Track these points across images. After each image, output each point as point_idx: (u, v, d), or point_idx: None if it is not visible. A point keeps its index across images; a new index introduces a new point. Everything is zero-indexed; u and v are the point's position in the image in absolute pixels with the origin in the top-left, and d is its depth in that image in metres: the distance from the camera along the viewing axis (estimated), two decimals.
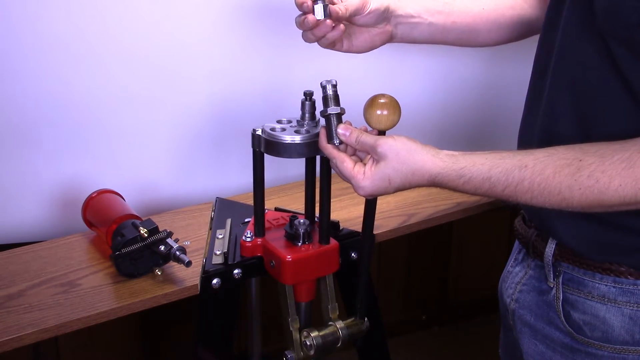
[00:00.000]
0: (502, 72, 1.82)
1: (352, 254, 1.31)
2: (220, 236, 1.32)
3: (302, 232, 1.21)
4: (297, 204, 1.42)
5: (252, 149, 1.19)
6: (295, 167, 1.58)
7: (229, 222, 1.35)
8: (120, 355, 1.83)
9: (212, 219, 1.42)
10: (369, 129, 1.06)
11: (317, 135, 1.10)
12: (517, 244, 1.16)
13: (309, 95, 1.17)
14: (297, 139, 1.15)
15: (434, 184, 0.99)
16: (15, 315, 1.16)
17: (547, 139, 0.98)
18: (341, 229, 1.33)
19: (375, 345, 1.40)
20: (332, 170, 1.09)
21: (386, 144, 0.99)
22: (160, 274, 1.26)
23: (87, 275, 1.27)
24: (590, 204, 0.89)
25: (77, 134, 1.52)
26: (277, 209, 1.39)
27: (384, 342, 1.42)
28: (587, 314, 1.02)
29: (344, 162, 1.03)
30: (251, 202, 1.24)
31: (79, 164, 1.54)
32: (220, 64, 1.59)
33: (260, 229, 1.25)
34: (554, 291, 1.05)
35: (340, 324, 1.22)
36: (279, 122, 1.19)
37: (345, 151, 1.06)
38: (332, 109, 1.08)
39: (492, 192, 0.94)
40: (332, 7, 1.07)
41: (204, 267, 1.24)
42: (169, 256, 1.24)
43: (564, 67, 0.97)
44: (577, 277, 1.02)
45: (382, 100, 1.03)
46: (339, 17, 1.09)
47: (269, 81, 1.63)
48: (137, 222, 1.27)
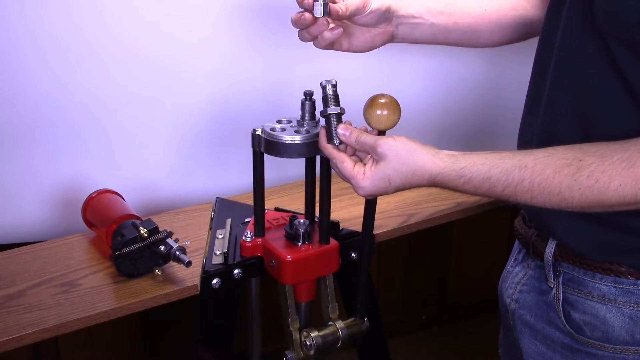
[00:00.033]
0: (502, 72, 1.82)
1: (352, 254, 1.31)
2: (220, 236, 1.32)
3: (302, 232, 1.21)
4: (297, 204, 1.42)
5: (252, 149, 1.19)
6: (295, 167, 1.58)
7: (229, 222, 1.35)
8: (120, 355, 1.83)
9: (212, 219, 1.42)
10: (369, 129, 1.05)
11: (317, 135, 1.10)
12: (517, 244, 1.16)
13: (309, 95, 1.17)
14: (297, 139, 1.15)
15: (434, 184, 0.99)
16: (15, 315, 1.16)
17: (547, 139, 0.98)
18: (341, 229, 1.33)
19: (375, 345, 1.39)
20: (332, 170, 1.09)
21: (386, 144, 0.99)
22: (160, 274, 1.26)
23: (87, 275, 1.27)
24: (590, 204, 0.89)
25: (77, 134, 1.52)
26: (277, 209, 1.39)
27: (384, 342, 1.42)
28: (588, 314, 1.02)
29: (344, 162, 1.03)
30: (251, 202, 1.24)
31: (79, 164, 1.54)
32: (220, 64, 1.58)
33: (260, 229, 1.24)
34: (554, 291, 1.05)
35: (340, 324, 1.22)
36: (279, 122, 1.19)
37: (345, 151, 1.05)
38: (332, 109, 1.07)
39: (492, 192, 0.94)
40: (332, 6, 1.07)
41: (204, 267, 1.24)
42: (169, 256, 1.24)
43: (564, 67, 0.97)
44: (577, 277, 1.02)
45: (382, 100, 1.03)
46: (339, 16, 1.08)
47: (269, 81, 1.63)
48: (137, 222, 1.27)
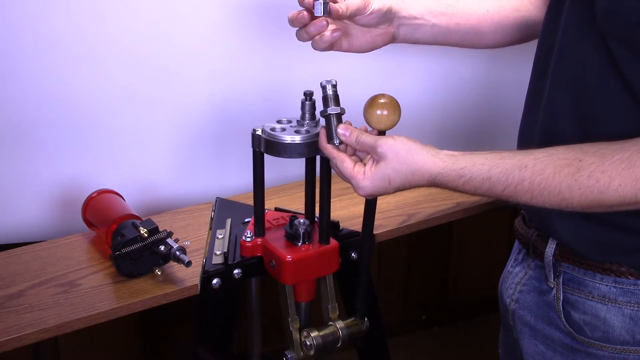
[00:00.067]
0: (502, 72, 1.82)
1: (352, 254, 1.31)
2: (220, 236, 1.32)
3: (302, 232, 1.21)
4: (297, 204, 1.42)
5: (252, 149, 1.19)
6: (295, 167, 1.58)
7: (229, 222, 1.35)
8: (120, 355, 1.83)
9: (212, 219, 1.42)
10: (369, 129, 1.05)
11: (317, 135, 1.10)
12: (517, 244, 1.15)
13: (309, 95, 1.17)
14: (297, 139, 1.15)
15: (434, 184, 0.99)
16: (15, 315, 1.16)
17: (547, 139, 0.97)
18: (341, 229, 1.33)
19: (375, 345, 1.39)
20: (332, 170, 1.09)
21: (386, 144, 0.99)
22: (160, 274, 1.26)
23: (87, 275, 1.27)
24: (590, 204, 0.89)
25: (78, 134, 1.52)
26: (277, 209, 1.39)
27: (384, 342, 1.42)
28: (588, 314, 1.02)
29: (344, 162, 1.03)
30: (251, 202, 1.24)
31: (79, 164, 1.54)
32: (220, 64, 1.58)
33: (260, 229, 1.24)
34: (554, 291, 1.05)
35: (340, 324, 1.22)
36: (279, 122, 1.19)
37: (345, 151, 1.05)
38: (332, 109, 1.07)
39: (492, 192, 0.94)
40: (332, 5, 1.06)
41: (204, 267, 1.24)
42: (169, 256, 1.24)
43: (564, 67, 0.97)
44: (578, 277, 1.02)
45: (382, 100, 1.03)
46: (340, 16, 1.08)
47: (269, 81, 1.63)
48: (137, 222, 1.27)
